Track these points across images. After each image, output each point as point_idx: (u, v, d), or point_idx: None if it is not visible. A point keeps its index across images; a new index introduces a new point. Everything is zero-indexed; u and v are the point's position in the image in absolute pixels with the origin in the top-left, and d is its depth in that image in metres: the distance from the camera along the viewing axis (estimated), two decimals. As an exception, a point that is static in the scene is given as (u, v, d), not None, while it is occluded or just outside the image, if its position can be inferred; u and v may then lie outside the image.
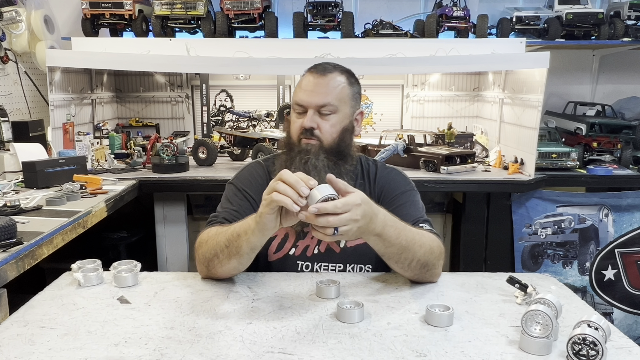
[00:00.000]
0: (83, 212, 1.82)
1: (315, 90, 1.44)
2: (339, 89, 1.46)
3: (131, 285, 1.25)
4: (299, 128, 1.45)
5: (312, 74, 1.46)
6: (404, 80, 3.38)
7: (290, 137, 1.50)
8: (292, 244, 1.48)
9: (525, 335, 0.96)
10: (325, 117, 1.45)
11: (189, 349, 0.95)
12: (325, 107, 1.44)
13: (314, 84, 1.44)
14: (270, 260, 1.48)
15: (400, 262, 1.24)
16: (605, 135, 2.91)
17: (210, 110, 3.31)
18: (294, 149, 1.46)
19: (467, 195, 2.73)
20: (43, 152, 2.47)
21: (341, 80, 1.47)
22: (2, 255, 1.35)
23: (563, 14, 2.93)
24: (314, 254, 1.48)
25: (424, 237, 1.27)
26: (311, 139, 1.45)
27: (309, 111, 1.44)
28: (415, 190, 1.55)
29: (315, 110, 1.44)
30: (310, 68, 1.50)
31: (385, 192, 1.52)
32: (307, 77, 1.47)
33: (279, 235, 1.49)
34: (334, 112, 1.45)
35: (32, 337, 0.99)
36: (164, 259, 2.80)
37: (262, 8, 2.80)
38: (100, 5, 2.82)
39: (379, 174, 1.56)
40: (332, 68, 1.48)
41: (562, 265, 2.87)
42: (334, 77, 1.46)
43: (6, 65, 2.74)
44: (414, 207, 1.48)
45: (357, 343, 0.98)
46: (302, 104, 1.45)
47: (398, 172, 1.60)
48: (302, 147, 1.45)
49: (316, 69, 1.47)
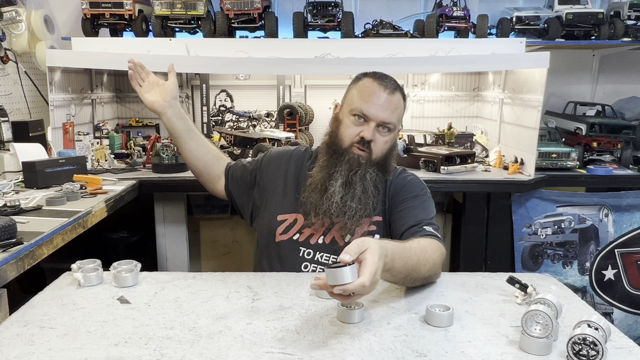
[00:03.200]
0: (83, 212, 1.82)
1: (384, 107, 1.46)
2: (400, 110, 1.51)
3: (131, 285, 1.25)
4: (355, 136, 1.47)
5: (382, 88, 1.47)
6: (404, 80, 3.38)
7: (340, 141, 1.50)
8: (298, 230, 1.53)
9: (525, 335, 0.96)
10: (382, 132, 1.48)
11: (189, 349, 0.95)
12: (387, 124, 1.47)
13: (385, 100, 1.46)
14: (277, 241, 1.54)
15: (407, 283, 1.24)
16: (605, 135, 2.91)
17: (210, 110, 3.31)
18: (343, 155, 1.48)
19: (467, 195, 2.73)
20: (43, 152, 2.47)
21: (401, 101, 1.51)
22: (2, 255, 1.35)
23: (563, 14, 2.93)
24: (317, 243, 1.51)
25: (426, 253, 1.25)
26: (364, 150, 1.47)
27: (371, 124, 1.46)
28: (429, 196, 1.57)
29: (377, 124, 1.46)
30: (375, 77, 1.50)
31: (397, 194, 1.55)
32: (375, 87, 1.47)
33: (288, 219, 1.54)
34: (391, 130, 1.49)
35: (32, 337, 0.99)
36: (164, 259, 2.80)
37: (262, 8, 2.80)
38: (100, 5, 2.82)
39: (397, 177, 1.59)
40: (396, 85, 1.50)
41: (562, 265, 2.87)
42: (399, 97, 1.50)
43: (6, 65, 2.74)
44: (422, 211, 1.49)
45: (357, 343, 0.98)
46: (369, 116, 1.46)
47: (416, 177, 1.62)
48: (352, 155, 1.47)
49: (385, 83, 1.48)
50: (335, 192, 1.45)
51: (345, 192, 1.46)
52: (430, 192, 1.58)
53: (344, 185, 1.47)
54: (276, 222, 1.56)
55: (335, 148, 1.50)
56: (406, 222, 1.45)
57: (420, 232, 1.40)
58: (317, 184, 1.50)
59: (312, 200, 1.49)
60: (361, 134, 1.46)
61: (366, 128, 1.46)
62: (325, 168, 1.49)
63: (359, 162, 1.47)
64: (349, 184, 1.47)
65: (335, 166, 1.48)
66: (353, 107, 1.48)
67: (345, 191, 1.46)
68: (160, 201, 2.73)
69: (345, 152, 1.48)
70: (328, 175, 1.48)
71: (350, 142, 1.48)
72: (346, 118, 1.50)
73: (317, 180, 1.50)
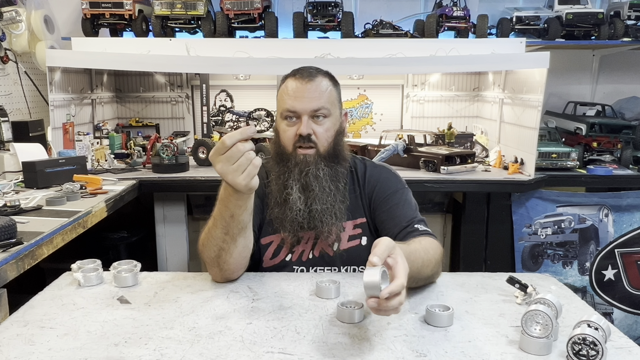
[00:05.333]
0: (83, 212, 1.82)
1: (307, 96, 1.40)
2: (328, 92, 1.44)
3: (131, 285, 1.25)
4: (294, 136, 1.42)
5: (298, 80, 1.42)
6: (404, 80, 3.38)
7: (283, 147, 1.45)
8: (289, 250, 1.48)
9: (525, 335, 0.96)
10: (318, 122, 1.42)
11: (189, 349, 0.95)
12: (319, 111, 1.41)
13: (305, 90, 1.40)
14: (266, 266, 1.48)
15: (410, 284, 1.23)
16: (605, 135, 2.91)
17: (210, 110, 3.31)
18: (290, 160, 1.43)
19: (467, 195, 2.73)
20: (43, 152, 2.47)
21: (328, 83, 1.45)
22: (2, 255, 1.35)
23: (563, 14, 2.93)
24: (309, 258, 1.48)
25: (429, 253, 1.25)
26: (308, 147, 1.41)
27: (304, 118, 1.40)
28: (407, 188, 1.54)
29: (309, 116, 1.41)
30: (292, 74, 1.45)
31: (377, 193, 1.51)
32: (293, 83, 1.43)
33: (275, 241, 1.49)
34: (327, 116, 1.43)
35: (32, 337, 0.99)
36: (164, 259, 2.80)
37: (262, 8, 2.80)
38: (100, 5, 2.82)
39: (368, 173, 1.55)
40: (315, 72, 1.45)
41: (562, 265, 2.87)
42: (321, 81, 1.43)
43: (6, 65, 2.74)
44: (408, 207, 1.47)
45: (357, 343, 0.98)
46: (296, 110, 1.41)
47: (388, 170, 1.58)
48: (299, 157, 1.42)
49: (301, 74, 1.43)
50: (296, 200, 1.40)
51: (306, 197, 1.41)
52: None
53: (302, 190, 1.41)
54: (261, 246, 1.48)
55: (281, 156, 1.45)
56: (397, 222, 1.43)
57: (414, 233, 1.38)
58: (276, 197, 1.44)
59: (276, 214, 1.44)
60: (298, 132, 1.41)
61: (300, 124, 1.41)
62: (278, 179, 1.44)
63: (307, 161, 1.41)
64: (305, 187, 1.41)
65: (286, 173, 1.42)
66: (282, 110, 1.43)
67: (305, 196, 1.41)
68: (160, 201, 2.73)
69: (290, 156, 1.43)
70: (283, 185, 1.42)
71: (292, 144, 1.42)
72: (281, 123, 1.45)
73: (275, 193, 1.44)
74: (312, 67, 1.47)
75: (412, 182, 2.00)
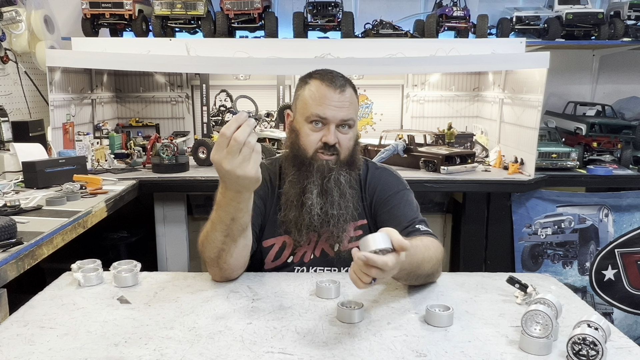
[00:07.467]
0: (83, 212, 1.82)
1: (340, 106, 1.40)
2: (355, 104, 1.46)
3: (131, 285, 1.25)
4: (318, 142, 1.42)
5: (329, 87, 1.41)
6: (404, 80, 3.38)
7: (303, 150, 1.44)
8: (291, 252, 1.48)
9: (525, 335, 0.96)
10: (343, 131, 1.43)
11: (189, 349, 0.95)
12: (347, 121, 1.43)
13: (339, 99, 1.40)
14: (267, 269, 1.48)
15: (410, 280, 1.24)
16: (605, 135, 2.91)
17: (210, 110, 3.31)
18: (312, 165, 1.43)
19: (467, 195, 2.73)
20: (43, 152, 2.47)
21: (354, 95, 1.47)
22: (2, 255, 1.35)
23: (563, 14, 2.93)
24: (310, 259, 1.49)
25: (429, 250, 1.25)
26: (331, 154, 1.43)
27: (331, 126, 1.41)
28: (409, 189, 1.54)
29: (337, 125, 1.42)
30: (319, 78, 1.44)
31: (378, 194, 1.51)
32: (324, 89, 1.41)
33: (276, 244, 1.49)
34: (351, 127, 1.45)
35: (32, 337, 0.99)
36: (164, 259, 2.80)
37: (262, 8, 2.80)
38: (100, 5, 2.82)
39: (369, 175, 1.55)
40: (344, 81, 1.44)
41: (562, 265, 2.87)
42: (351, 91, 1.45)
43: (6, 65, 2.75)
44: (409, 208, 1.47)
45: (357, 343, 0.98)
46: (327, 119, 1.40)
47: (390, 172, 1.58)
48: (320, 162, 1.42)
49: (332, 82, 1.42)
50: (314, 204, 1.41)
51: (324, 202, 1.42)
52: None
53: (321, 195, 1.42)
54: (263, 249, 1.48)
55: (301, 159, 1.44)
56: (398, 222, 1.42)
57: (415, 233, 1.39)
58: (292, 200, 1.44)
59: (291, 218, 1.43)
60: (323, 139, 1.41)
61: (327, 132, 1.41)
62: (296, 183, 1.44)
63: (329, 167, 1.42)
64: (324, 192, 1.42)
65: (307, 178, 1.42)
66: (308, 114, 1.42)
67: (323, 200, 1.42)
68: (160, 201, 2.73)
69: (312, 160, 1.43)
70: (302, 190, 1.43)
71: (314, 149, 1.42)
72: (304, 126, 1.43)
73: (292, 196, 1.44)
74: (338, 73, 1.46)
75: (412, 182, 2.00)
